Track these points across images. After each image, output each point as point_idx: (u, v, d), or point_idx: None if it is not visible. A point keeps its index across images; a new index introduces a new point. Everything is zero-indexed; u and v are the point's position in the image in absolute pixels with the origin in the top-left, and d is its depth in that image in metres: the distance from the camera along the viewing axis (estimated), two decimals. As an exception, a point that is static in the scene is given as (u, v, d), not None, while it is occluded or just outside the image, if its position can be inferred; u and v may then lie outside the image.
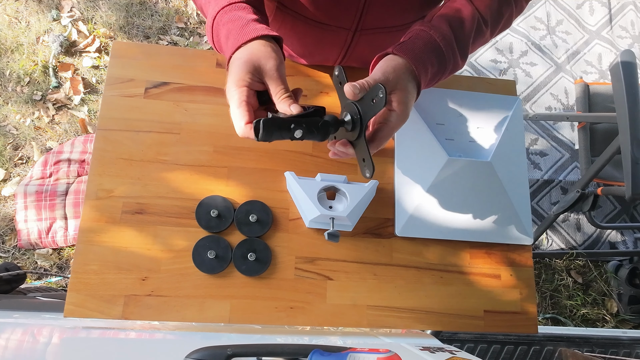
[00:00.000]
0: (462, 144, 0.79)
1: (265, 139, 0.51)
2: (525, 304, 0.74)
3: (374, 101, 0.51)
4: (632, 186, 1.10)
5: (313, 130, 0.53)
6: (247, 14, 0.55)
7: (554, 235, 1.78)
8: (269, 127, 0.50)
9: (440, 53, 0.58)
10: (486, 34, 0.63)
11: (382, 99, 0.49)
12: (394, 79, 0.54)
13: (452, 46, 0.59)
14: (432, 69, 0.58)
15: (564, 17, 2.12)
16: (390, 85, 0.54)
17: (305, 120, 0.52)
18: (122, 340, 0.66)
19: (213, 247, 0.68)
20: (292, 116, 0.52)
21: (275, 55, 0.53)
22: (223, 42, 0.56)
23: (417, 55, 0.56)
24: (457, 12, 0.60)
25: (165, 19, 1.90)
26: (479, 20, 0.61)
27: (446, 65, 0.60)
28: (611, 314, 1.71)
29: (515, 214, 0.75)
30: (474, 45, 0.63)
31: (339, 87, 0.57)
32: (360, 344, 0.55)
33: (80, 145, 1.66)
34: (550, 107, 1.96)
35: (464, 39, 0.60)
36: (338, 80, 0.57)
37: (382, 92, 0.49)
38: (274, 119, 0.51)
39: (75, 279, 0.65)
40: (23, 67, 1.76)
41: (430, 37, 0.57)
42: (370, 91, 0.52)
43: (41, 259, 1.56)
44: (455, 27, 0.59)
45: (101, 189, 0.69)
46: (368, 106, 0.52)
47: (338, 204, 0.71)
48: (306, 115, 0.53)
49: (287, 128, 0.51)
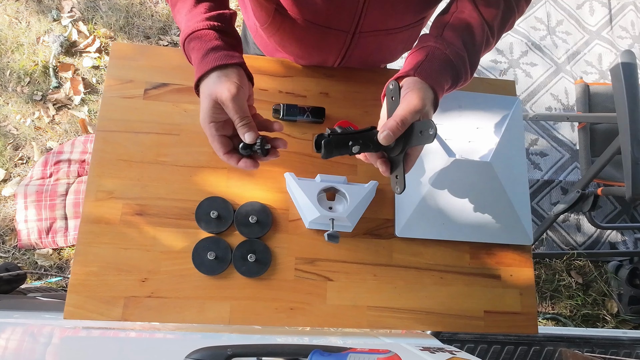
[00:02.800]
0: (462, 145, 0.79)
1: (327, 157, 0.55)
2: (526, 305, 0.74)
3: (422, 133, 0.52)
4: (632, 186, 1.10)
5: (369, 144, 0.56)
6: (207, 41, 0.56)
7: (554, 236, 1.78)
8: (329, 147, 0.54)
9: (455, 72, 0.59)
10: (492, 44, 0.64)
11: (431, 137, 0.51)
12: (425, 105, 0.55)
13: (465, 66, 0.60)
14: (446, 87, 0.59)
15: (564, 18, 2.12)
16: (423, 112, 0.55)
17: (361, 136, 0.55)
18: (122, 340, 0.66)
19: (213, 248, 0.68)
20: (349, 133, 0.55)
21: (229, 85, 0.54)
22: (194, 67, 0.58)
23: (437, 79, 0.57)
24: (469, 27, 0.60)
25: (166, 19, 1.90)
26: (487, 33, 0.61)
27: (457, 84, 0.61)
28: (611, 314, 1.71)
29: (515, 214, 0.75)
30: (480, 57, 0.63)
31: (391, 101, 0.58)
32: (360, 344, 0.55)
33: (80, 145, 1.66)
34: (550, 107, 1.96)
35: (475, 55, 0.61)
36: (391, 94, 0.58)
37: (432, 130, 0.51)
38: (332, 139, 0.54)
39: (75, 280, 0.65)
40: (23, 67, 1.76)
41: (447, 57, 0.58)
42: (420, 123, 0.53)
43: (41, 259, 1.56)
44: (468, 44, 0.60)
45: (101, 190, 0.69)
46: (415, 135, 0.54)
47: (338, 204, 0.71)
48: (361, 131, 0.56)
49: (345, 145, 0.55)
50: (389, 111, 0.58)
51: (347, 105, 0.80)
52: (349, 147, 0.55)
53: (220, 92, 0.54)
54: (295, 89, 0.79)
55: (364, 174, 0.76)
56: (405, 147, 0.55)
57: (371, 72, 0.82)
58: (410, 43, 0.77)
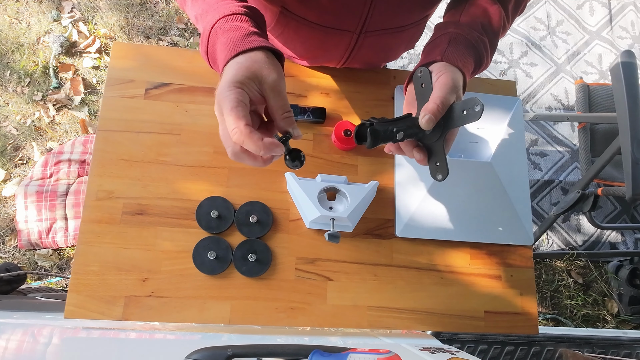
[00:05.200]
0: (462, 145, 0.79)
1: (373, 145, 0.52)
2: (526, 305, 0.74)
3: (467, 112, 0.50)
4: (632, 186, 1.10)
5: (412, 130, 0.54)
6: (249, 26, 0.52)
7: (554, 236, 1.78)
8: (376, 135, 0.52)
9: (477, 56, 0.58)
10: (507, 27, 0.65)
11: (478, 114, 0.49)
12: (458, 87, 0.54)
13: (487, 49, 0.60)
14: (470, 70, 0.59)
15: (564, 18, 2.12)
16: (458, 93, 0.54)
17: (403, 122, 0.54)
18: (122, 340, 0.66)
19: (213, 248, 0.68)
20: (390, 121, 0.53)
21: (278, 70, 0.50)
22: (219, 49, 0.51)
23: (463, 62, 0.56)
24: (485, 11, 0.60)
25: (166, 19, 1.90)
26: (504, 16, 0.62)
27: (479, 68, 0.61)
28: (612, 314, 1.71)
29: (515, 214, 0.75)
30: (498, 40, 0.64)
31: (420, 88, 0.56)
32: (361, 345, 0.55)
33: (80, 145, 1.66)
34: (550, 107, 1.96)
35: (495, 38, 0.61)
36: (420, 82, 0.56)
37: (478, 107, 0.49)
38: (378, 127, 0.52)
39: (76, 280, 0.65)
40: (23, 67, 1.76)
41: (469, 42, 0.58)
42: (462, 103, 0.51)
43: (41, 260, 1.56)
44: (487, 27, 0.60)
45: (101, 189, 0.69)
46: (457, 116, 0.52)
47: (338, 204, 0.71)
48: (400, 118, 0.55)
49: (390, 132, 0.53)
50: (419, 98, 0.57)
51: (347, 105, 0.80)
52: (394, 134, 0.53)
53: (268, 71, 0.48)
54: (296, 88, 0.79)
55: (365, 174, 0.76)
56: (445, 131, 0.54)
57: (371, 72, 0.82)
58: (411, 42, 0.77)
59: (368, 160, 0.77)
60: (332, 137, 0.76)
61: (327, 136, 0.77)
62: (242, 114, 0.45)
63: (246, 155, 0.48)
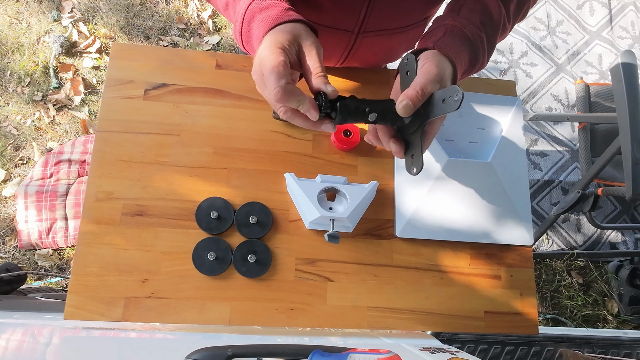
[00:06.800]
0: (462, 145, 0.79)
1: (342, 122, 0.50)
2: (526, 305, 0.74)
3: (445, 101, 0.48)
4: (632, 187, 1.10)
5: (386, 115, 0.51)
6: (285, 3, 0.53)
7: (554, 236, 1.78)
8: (346, 110, 0.49)
9: (473, 52, 0.57)
10: (507, 30, 0.63)
11: (457, 103, 0.46)
12: (443, 76, 0.52)
13: (484, 46, 0.58)
14: (465, 65, 0.57)
15: (564, 18, 2.12)
16: (442, 83, 0.52)
17: (379, 105, 0.51)
18: (122, 340, 0.66)
19: (213, 249, 0.68)
20: (367, 100, 0.51)
21: (316, 38, 0.51)
22: (256, 26, 0.52)
23: (457, 53, 0.54)
24: (486, 7, 0.59)
25: (166, 19, 1.90)
26: (504, 15, 0.60)
27: (475, 65, 0.59)
28: (612, 314, 1.71)
29: (515, 214, 0.75)
30: (497, 40, 0.62)
31: (405, 76, 0.54)
32: (361, 345, 0.55)
33: (80, 145, 1.67)
34: (550, 107, 1.96)
35: (493, 36, 0.60)
36: (406, 69, 0.54)
37: (457, 95, 0.46)
38: (349, 102, 0.49)
39: (75, 281, 0.65)
40: (24, 67, 1.76)
41: (465, 35, 0.56)
42: (442, 91, 0.49)
43: (41, 260, 1.56)
44: (486, 24, 0.58)
45: (101, 190, 0.69)
46: (436, 105, 0.49)
47: (338, 205, 0.71)
48: (378, 100, 0.52)
49: (362, 112, 0.50)
50: (403, 86, 0.54)
51: (347, 106, 0.80)
52: (366, 114, 0.50)
53: (306, 36, 0.49)
54: (296, 89, 0.79)
55: (365, 175, 0.76)
56: (424, 122, 0.51)
57: (371, 72, 0.82)
58: (412, 43, 0.77)
59: (368, 161, 0.77)
60: (331, 137, 0.76)
61: (327, 136, 0.77)
62: (283, 73, 0.47)
63: (296, 115, 0.50)
